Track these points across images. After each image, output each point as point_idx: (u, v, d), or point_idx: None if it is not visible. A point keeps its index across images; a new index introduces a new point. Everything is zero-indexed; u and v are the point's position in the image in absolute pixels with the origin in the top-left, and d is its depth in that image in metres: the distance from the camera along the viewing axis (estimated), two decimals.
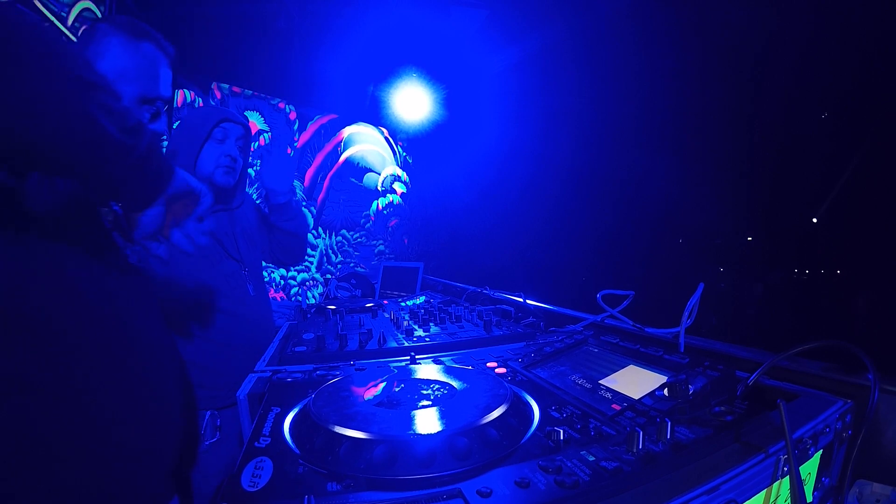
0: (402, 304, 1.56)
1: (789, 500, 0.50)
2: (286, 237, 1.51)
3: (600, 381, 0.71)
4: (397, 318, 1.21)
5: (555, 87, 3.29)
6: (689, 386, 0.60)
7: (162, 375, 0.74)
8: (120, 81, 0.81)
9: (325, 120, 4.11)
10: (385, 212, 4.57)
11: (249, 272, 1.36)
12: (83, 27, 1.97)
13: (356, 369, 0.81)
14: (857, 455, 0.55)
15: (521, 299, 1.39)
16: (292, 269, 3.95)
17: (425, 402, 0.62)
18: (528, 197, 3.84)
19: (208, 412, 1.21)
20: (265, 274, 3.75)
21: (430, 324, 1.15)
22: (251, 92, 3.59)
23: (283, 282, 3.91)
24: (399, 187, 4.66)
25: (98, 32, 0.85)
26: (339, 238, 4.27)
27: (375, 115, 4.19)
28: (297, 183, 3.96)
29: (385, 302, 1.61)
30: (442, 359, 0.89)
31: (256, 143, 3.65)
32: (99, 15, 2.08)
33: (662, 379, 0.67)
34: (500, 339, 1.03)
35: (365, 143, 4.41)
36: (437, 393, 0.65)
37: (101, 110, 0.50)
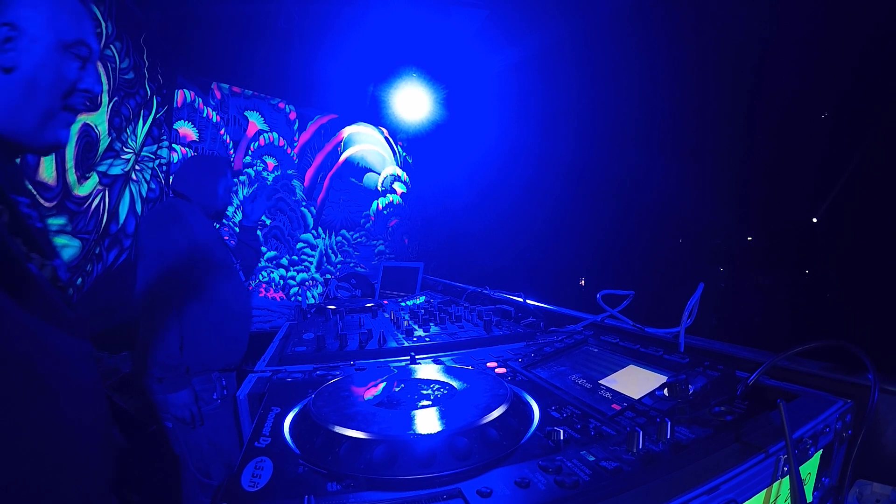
0: (402, 304, 1.56)
1: (789, 500, 0.50)
2: (249, 252, 1.94)
3: (600, 381, 0.71)
4: (397, 318, 1.21)
5: (555, 87, 3.29)
6: (689, 386, 0.60)
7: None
8: (33, 24, 0.70)
9: (325, 120, 4.11)
10: (385, 212, 4.57)
11: (238, 264, 1.76)
12: None
13: (356, 369, 0.81)
14: (857, 455, 0.55)
15: (521, 299, 1.39)
16: (292, 269, 3.95)
17: (425, 402, 0.62)
18: (529, 197, 3.84)
19: (215, 373, 1.51)
20: (265, 273, 3.76)
21: (430, 324, 1.15)
22: (251, 92, 3.59)
23: (282, 282, 3.91)
24: (399, 187, 4.66)
25: None
26: (339, 238, 4.28)
27: (375, 115, 4.19)
28: (296, 183, 3.96)
29: (385, 302, 1.61)
30: (442, 359, 0.89)
31: (256, 143, 3.65)
32: (99, 15, 2.08)
33: (662, 379, 0.67)
34: (500, 339, 1.03)
35: (365, 143, 4.41)
36: (437, 393, 0.65)
37: None
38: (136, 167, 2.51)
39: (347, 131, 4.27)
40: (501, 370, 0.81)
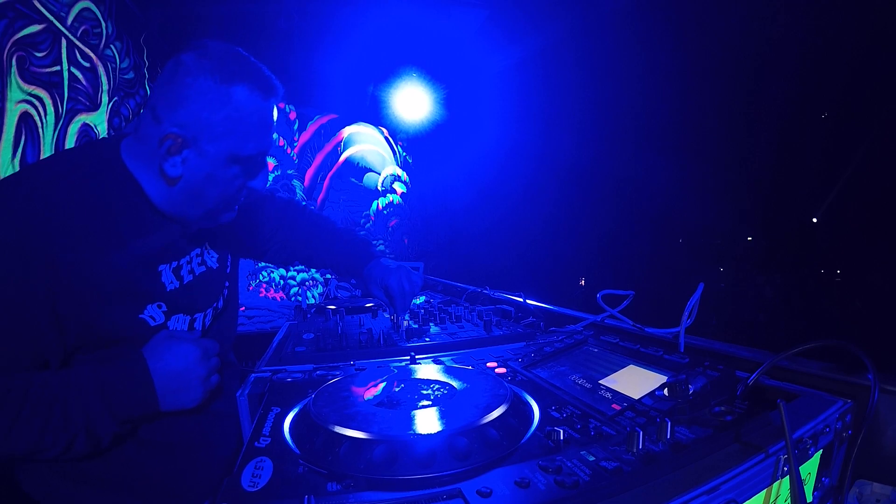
0: None
1: (789, 500, 0.50)
2: None
3: (600, 381, 0.71)
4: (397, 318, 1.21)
5: (555, 86, 3.29)
6: (689, 386, 0.60)
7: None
8: (202, 137, 0.67)
9: (325, 120, 4.11)
10: (385, 212, 4.57)
11: None
12: (82, 27, 1.97)
13: (356, 369, 0.81)
14: (857, 455, 0.55)
15: (521, 299, 1.39)
16: (292, 268, 3.95)
17: (425, 402, 0.62)
18: (529, 197, 3.84)
19: None
20: (265, 273, 3.76)
21: (431, 324, 1.15)
22: None
23: (282, 282, 3.91)
24: (399, 187, 4.66)
25: (182, 68, 0.66)
26: None
27: (375, 115, 4.19)
28: (296, 183, 3.96)
29: None
30: (442, 359, 0.89)
31: None
32: (99, 15, 2.08)
33: (662, 379, 0.67)
34: (500, 339, 1.03)
35: (365, 143, 4.41)
36: (437, 393, 0.65)
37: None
38: None
39: (347, 131, 4.27)
40: (501, 370, 0.81)
